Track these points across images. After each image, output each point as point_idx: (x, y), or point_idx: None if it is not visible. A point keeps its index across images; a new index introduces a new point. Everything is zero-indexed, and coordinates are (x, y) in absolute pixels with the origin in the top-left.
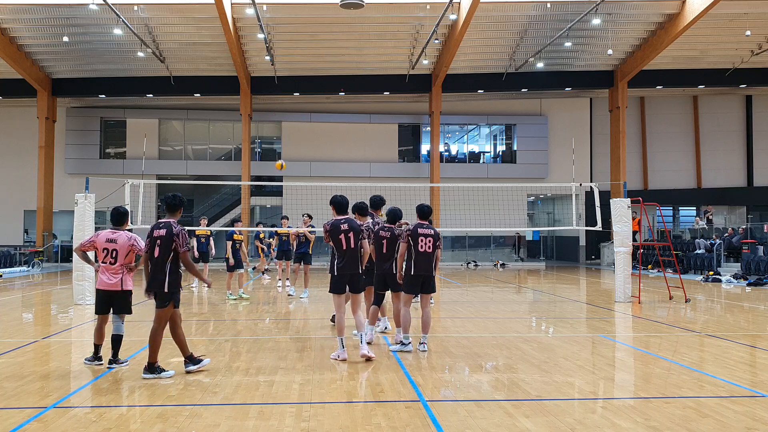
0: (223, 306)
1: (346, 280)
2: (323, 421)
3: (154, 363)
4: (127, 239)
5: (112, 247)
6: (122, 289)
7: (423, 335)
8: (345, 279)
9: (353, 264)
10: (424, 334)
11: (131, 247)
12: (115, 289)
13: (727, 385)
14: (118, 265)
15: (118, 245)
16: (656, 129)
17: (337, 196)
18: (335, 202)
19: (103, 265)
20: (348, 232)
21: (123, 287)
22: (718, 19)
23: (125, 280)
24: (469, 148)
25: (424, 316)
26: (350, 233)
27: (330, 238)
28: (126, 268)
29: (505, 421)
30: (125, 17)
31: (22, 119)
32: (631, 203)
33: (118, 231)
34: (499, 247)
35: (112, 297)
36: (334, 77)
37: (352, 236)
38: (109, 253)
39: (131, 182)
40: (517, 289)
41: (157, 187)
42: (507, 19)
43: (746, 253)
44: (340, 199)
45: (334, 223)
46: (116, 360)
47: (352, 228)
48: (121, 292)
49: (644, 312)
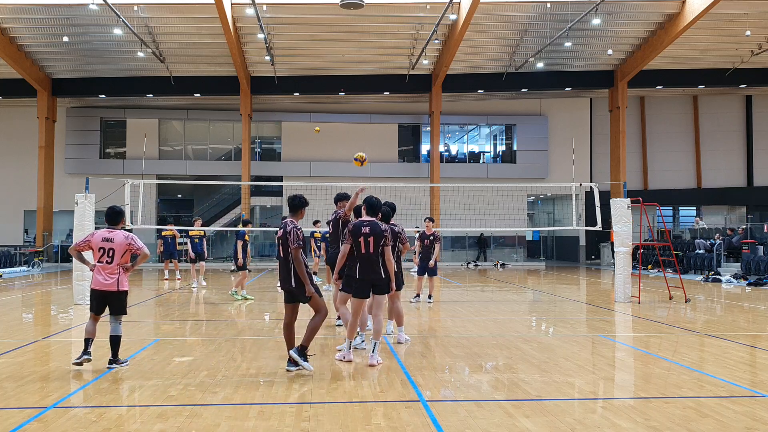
0: (224, 306)
1: (368, 285)
2: (323, 421)
3: (305, 348)
4: (125, 238)
5: (109, 246)
6: (118, 290)
7: (374, 341)
8: (367, 284)
9: (371, 269)
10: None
11: (128, 246)
12: (111, 290)
13: (727, 385)
14: (114, 264)
15: (115, 244)
16: (656, 129)
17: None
18: (366, 202)
19: (99, 264)
20: (368, 236)
21: (119, 287)
22: (718, 19)
23: (121, 281)
24: (469, 148)
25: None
26: (370, 237)
27: (351, 239)
28: (122, 268)
29: (505, 421)
30: (125, 17)
31: (22, 119)
32: (631, 203)
33: (115, 230)
34: (499, 247)
35: (108, 297)
36: (334, 77)
37: (372, 241)
38: (105, 253)
39: (131, 182)
40: (517, 289)
41: (157, 187)
42: (507, 19)
43: (746, 253)
44: (372, 201)
45: (357, 225)
46: (116, 360)
47: (373, 232)
48: (117, 292)
49: (644, 312)
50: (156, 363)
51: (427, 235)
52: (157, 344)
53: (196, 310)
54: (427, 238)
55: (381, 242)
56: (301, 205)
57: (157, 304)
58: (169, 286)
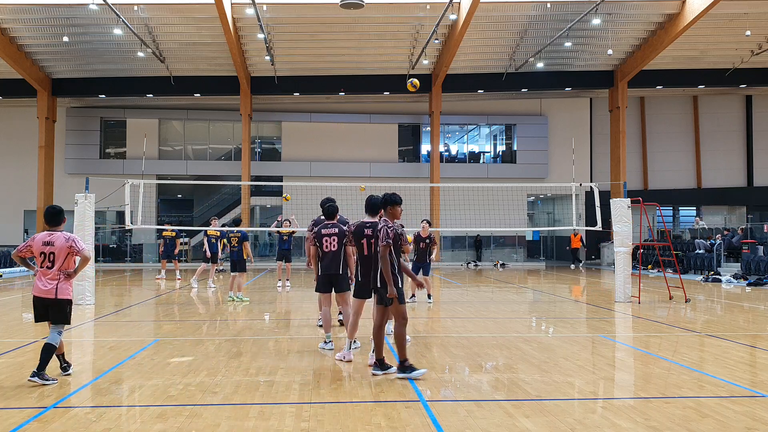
0: (224, 306)
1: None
2: (323, 421)
3: (404, 360)
4: (65, 240)
5: (49, 250)
6: (56, 297)
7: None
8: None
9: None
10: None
11: (69, 249)
12: (50, 297)
13: (727, 385)
14: (55, 269)
15: (56, 248)
16: (656, 129)
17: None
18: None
19: (40, 270)
20: (371, 237)
21: (57, 295)
22: (718, 19)
23: (60, 288)
24: (469, 148)
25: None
26: (372, 239)
27: (353, 240)
28: (63, 274)
29: (505, 421)
30: (125, 17)
31: (22, 119)
32: (631, 203)
33: (55, 232)
34: (499, 247)
35: (47, 305)
36: (334, 77)
37: (375, 243)
38: (46, 257)
39: (131, 182)
40: (517, 289)
41: (157, 187)
42: (507, 19)
43: (746, 253)
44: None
45: (359, 226)
46: (40, 373)
47: (375, 234)
48: (55, 300)
49: (644, 312)
50: (156, 363)
51: (423, 237)
52: (157, 344)
53: (196, 310)
54: (423, 241)
55: None
56: (394, 202)
57: (157, 304)
58: (166, 285)
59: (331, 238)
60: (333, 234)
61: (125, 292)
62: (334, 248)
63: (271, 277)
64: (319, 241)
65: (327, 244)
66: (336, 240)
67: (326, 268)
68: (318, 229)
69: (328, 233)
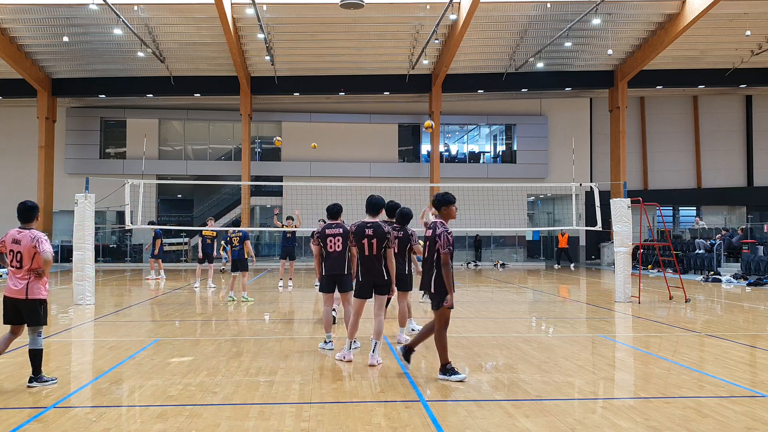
0: (224, 306)
1: (370, 285)
2: (323, 421)
3: (446, 364)
4: (30, 240)
5: (17, 249)
6: (27, 297)
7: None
8: (369, 285)
9: (374, 270)
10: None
11: (33, 249)
12: (20, 297)
13: (727, 385)
14: (24, 269)
15: (22, 247)
16: (656, 129)
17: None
18: (369, 202)
19: (11, 269)
20: (372, 238)
21: (28, 295)
22: (718, 19)
23: (31, 288)
24: (469, 148)
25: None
26: (374, 239)
27: (354, 241)
28: (33, 274)
29: (505, 421)
30: (125, 17)
31: (22, 119)
32: (631, 203)
33: (24, 230)
34: (499, 247)
35: (19, 306)
36: (334, 77)
37: (375, 243)
38: (14, 256)
39: (131, 182)
40: (517, 289)
41: (157, 187)
42: (507, 19)
43: (746, 253)
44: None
45: (360, 226)
46: (38, 377)
47: (376, 234)
48: (26, 300)
49: (644, 312)
50: (156, 363)
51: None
52: (157, 344)
53: (195, 310)
54: None
55: (384, 244)
56: (448, 202)
57: (156, 304)
58: (155, 285)
59: (335, 239)
60: (338, 234)
61: (125, 292)
62: (339, 248)
63: (272, 277)
64: (324, 242)
65: (331, 245)
66: (340, 240)
67: (330, 269)
68: (322, 229)
69: (332, 233)
